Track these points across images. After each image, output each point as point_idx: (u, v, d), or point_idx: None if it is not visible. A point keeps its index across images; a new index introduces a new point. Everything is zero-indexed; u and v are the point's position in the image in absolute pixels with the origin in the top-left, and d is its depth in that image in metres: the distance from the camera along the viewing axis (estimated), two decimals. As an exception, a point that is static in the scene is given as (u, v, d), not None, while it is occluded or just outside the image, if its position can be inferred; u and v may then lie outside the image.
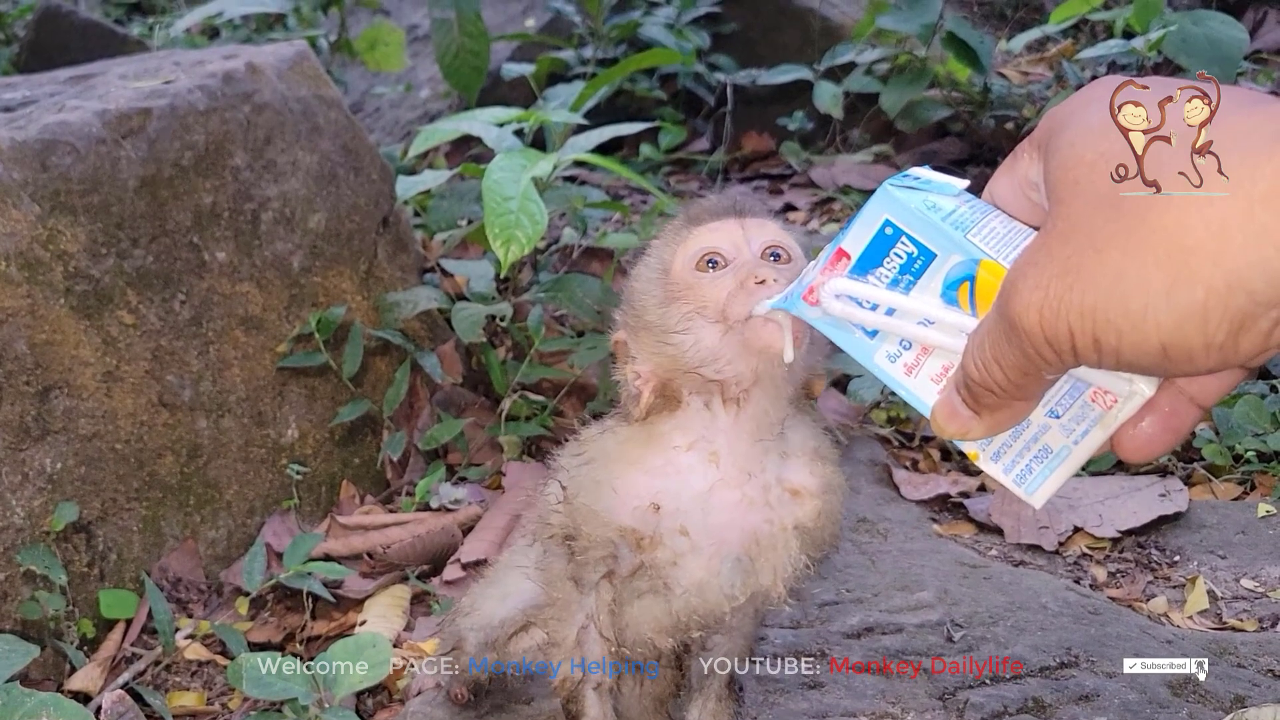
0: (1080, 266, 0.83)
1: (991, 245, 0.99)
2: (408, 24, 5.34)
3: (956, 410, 0.98)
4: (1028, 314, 0.86)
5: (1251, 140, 0.81)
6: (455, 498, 2.47)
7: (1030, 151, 0.97)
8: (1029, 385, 0.93)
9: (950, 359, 1.01)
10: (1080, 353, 0.86)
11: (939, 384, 1.02)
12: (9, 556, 2.04)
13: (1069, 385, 0.99)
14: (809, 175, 4.35)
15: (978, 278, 0.98)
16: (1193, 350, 0.82)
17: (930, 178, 1.06)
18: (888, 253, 1.03)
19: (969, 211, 1.02)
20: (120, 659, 2.12)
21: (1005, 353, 0.90)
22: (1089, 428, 1.00)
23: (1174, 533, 2.26)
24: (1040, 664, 1.78)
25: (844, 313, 1.05)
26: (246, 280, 2.48)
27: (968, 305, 0.99)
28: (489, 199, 2.44)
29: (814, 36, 4.65)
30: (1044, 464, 1.01)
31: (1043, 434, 1.01)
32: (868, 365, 1.05)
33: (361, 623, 2.17)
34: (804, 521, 1.31)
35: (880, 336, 1.04)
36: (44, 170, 2.20)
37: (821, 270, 1.07)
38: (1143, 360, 0.84)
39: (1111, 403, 0.98)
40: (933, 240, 1.00)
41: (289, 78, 2.68)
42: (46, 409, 2.12)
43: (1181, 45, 3.32)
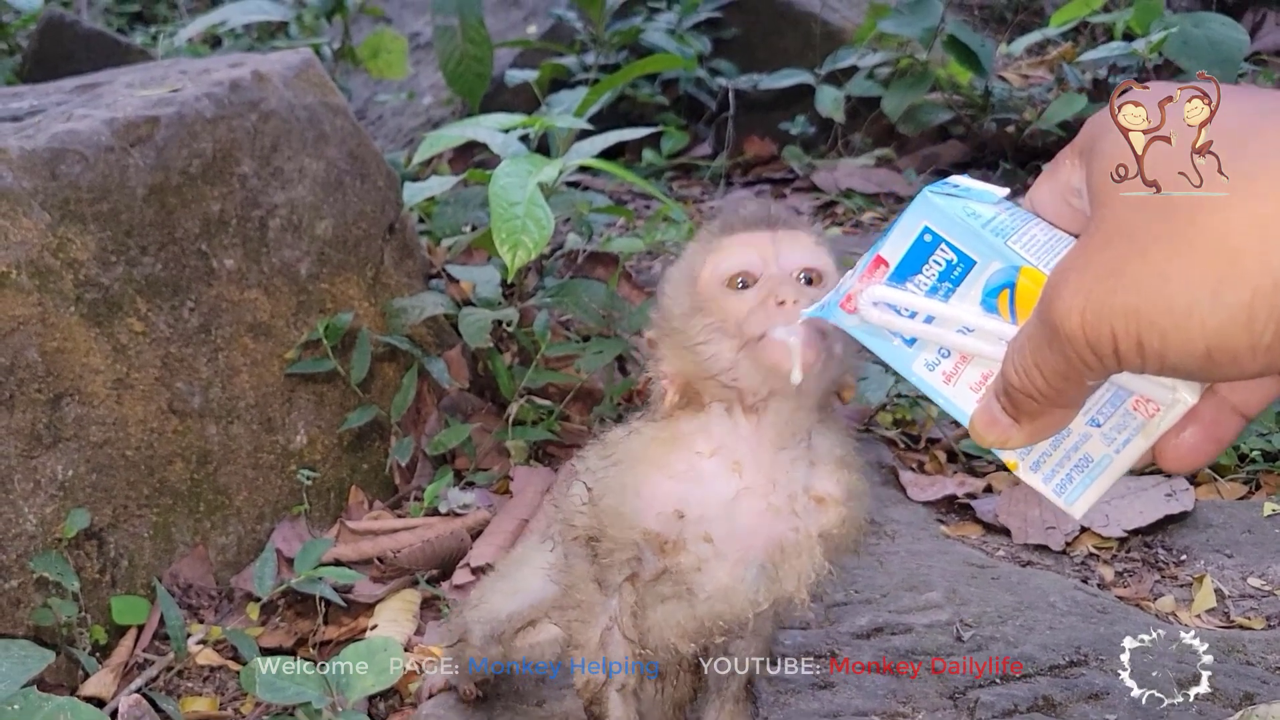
0: (1123, 269, 0.83)
1: (1032, 252, 0.98)
2: (410, 31, 5.36)
3: (996, 418, 0.97)
4: (1070, 317, 0.85)
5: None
6: (464, 502, 2.48)
7: (1072, 158, 0.97)
8: (1070, 392, 0.91)
9: (990, 367, 0.99)
10: (1123, 356, 0.85)
11: (978, 392, 1.01)
12: (22, 563, 2.05)
13: (1110, 393, 0.98)
14: (811, 179, 4.37)
15: (1018, 285, 0.97)
16: (1238, 352, 0.81)
17: (970, 185, 1.05)
18: (927, 260, 1.02)
19: (1009, 219, 1.01)
20: (132, 665, 2.13)
21: (1047, 358, 0.89)
22: (1131, 436, 0.98)
23: (1180, 532, 2.27)
24: (1050, 662, 1.79)
25: (882, 320, 1.04)
26: (255, 287, 2.49)
27: (1008, 313, 0.98)
28: (495, 204, 2.45)
29: (815, 41, 4.66)
30: (1085, 473, 1.00)
31: (1083, 443, 1.00)
32: (906, 374, 1.04)
33: (372, 627, 2.18)
34: (829, 529, 1.31)
35: (919, 345, 1.03)
36: (53, 179, 2.22)
37: (859, 278, 1.06)
38: (1187, 363, 0.83)
39: (1154, 411, 0.97)
40: (973, 247, 1.00)
41: (295, 85, 2.69)
42: (58, 416, 2.14)
43: (1182, 47, 3.34)
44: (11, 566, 2.04)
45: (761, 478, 1.29)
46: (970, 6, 5.13)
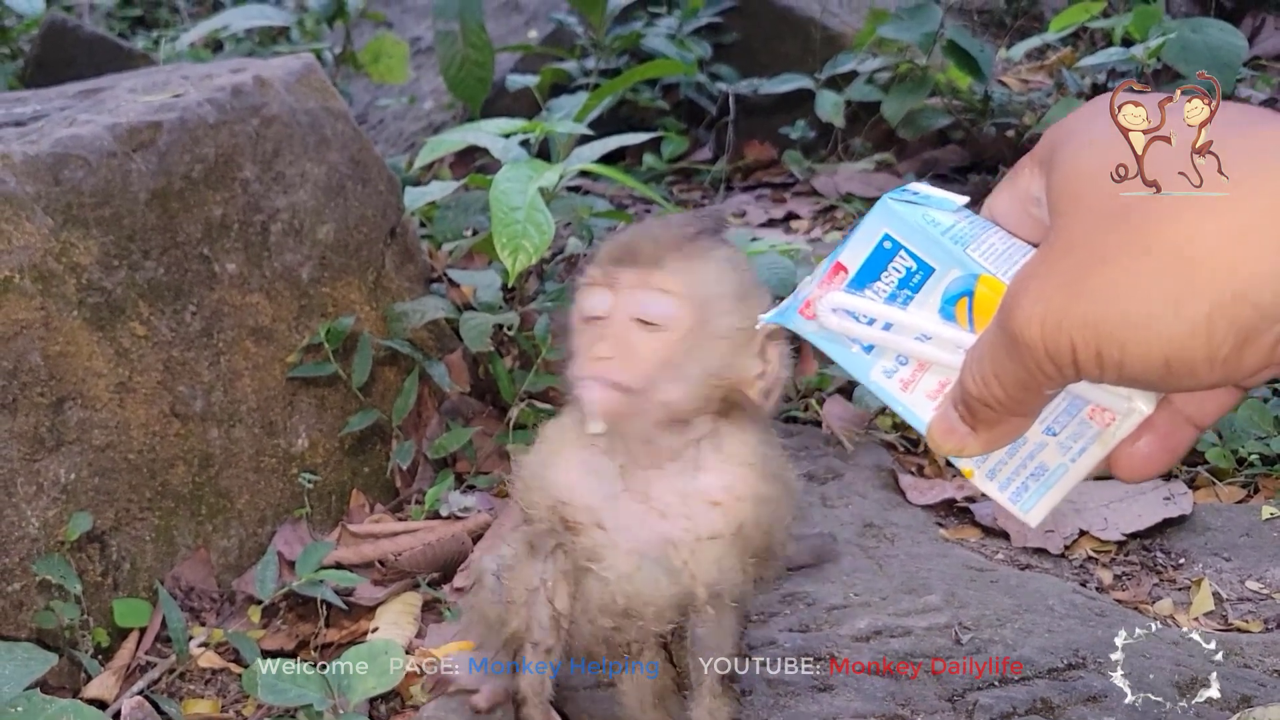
0: (1084, 278, 0.83)
1: (991, 261, 0.98)
2: (410, 36, 5.37)
3: (953, 426, 0.97)
4: (1029, 326, 0.85)
5: (1258, 154, 0.81)
6: (465, 505, 2.49)
7: (1031, 167, 0.97)
8: (1028, 401, 0.92)
9: (947, 375, 1.00)
10: (1082, 366, 0.85)
11: (935, 400, 1.01)
12: (24, 566, 2.06)
13: (1066, 403, 0.99)
14: (811, 184, 4.38)
15: (976, 293, 0.98)
16: (1196, 364, 0.81)
17: (929, 193, 1.06)
18: (886, 267, 1.02)
19: (968, 227, 1.02)
20: (134, 667, 2.14)
21: (1005, 367, 0.89)
22: (1086, 445, 0.99)
23: (1178, 536, 2.28)
24: (1048, 665, 1.79)
25: (840, 327, 1.04)
26: (256, 291, 2.50)
27: (966, 321, 0.98)
28: (496, 209, 2.46)
29: (815, 46, 4.67)
30: (1040, 481, 1.01)
31: (1039, 451, 1.00)
32: (863, 380, 1.05)
33: (373, 630, 2.18)
34: (720, 531, 1.35)
35: (876, 352, 1.03)
36: (56, 183, 2.23)
37: (818, 284, 1.06)
38: (1145, 374, 0.83)
39: (1110, 420, 0.98)
40: (932, 255, 1.00)
41: (297, 90, 2.70)
42: (60, 420, 2.14)
43: (1181, 52, 3.34)
44: (14, 569, 2.05)
45: (638, 484, 1.36)
46: (969, 12, 5.14)
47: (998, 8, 5.24)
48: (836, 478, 2.50)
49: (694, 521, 1.35)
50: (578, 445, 1.39)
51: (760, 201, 4.39)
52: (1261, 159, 0.81)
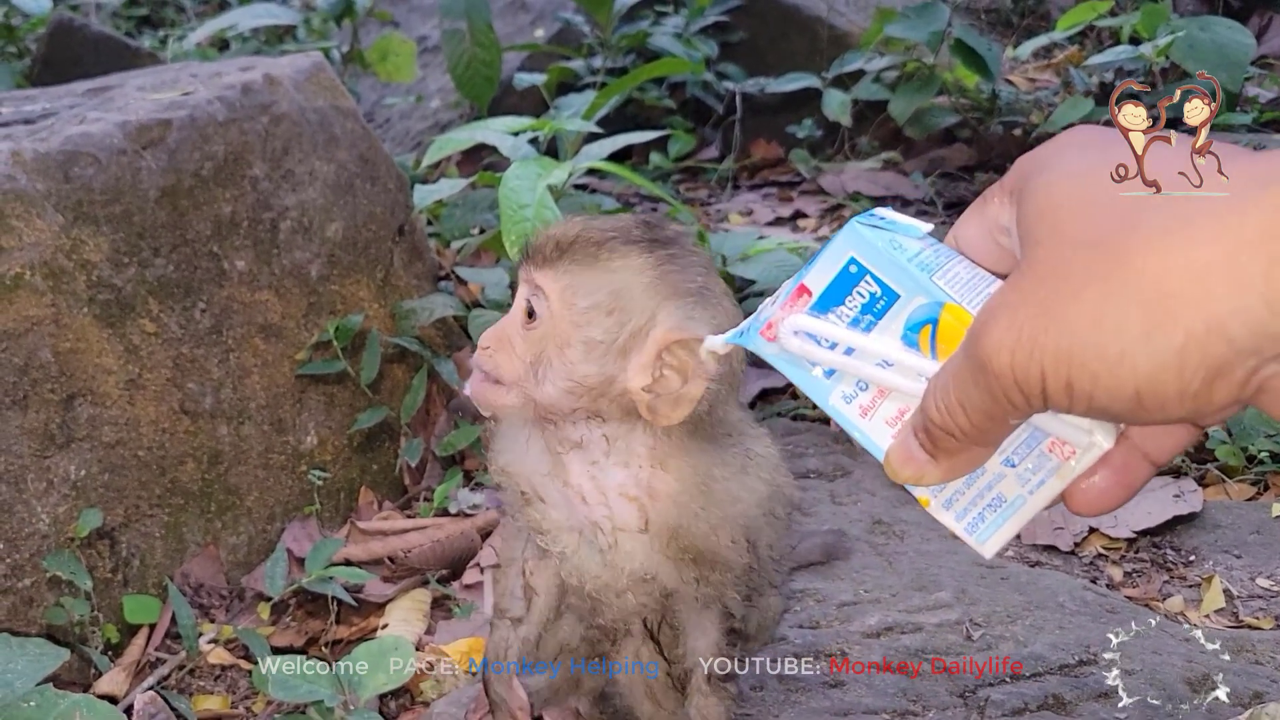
0: (1056, 308, 0.82)
1: (956, 289, 0.97)
2: (417, 35, 5.37)
3: (912, 454, 0.95)
4: (999, 355, 0.84)
5: (1234, 187, 0.80)
6: (473, 503, 2.49)
7: (1001, 196, 0.96)
8: (992, 430, 0.90)
9: (907, 402, 0.98)
10: (1051, 396, 0.84)
11: (893, 428, 0.99)
12: (35, 562, 2.06)
13: (1026, 434, 0.97)
14: (818, 182, 4.38)
15: (940, 321, 0.96)
16: (1167, 397, 0.80)
17: (895, 219, 1.04)
18: (850, 291, 1.00)
19: (933, 255, 1.00)
20: (144, 663, 2.14)
21: (971, 395, 0.88)
22: (1046, 478, 0.97)
23: (1189, 533, 2.28)
24: (1059, 661, 1.79)
25: (801, 350, 1.02)
26: (265, 289, 2.50)
27: (928, 349, 0.97)
28: (505, 206, 2.47)
29: (822, 45, 4.67)
30: (997, 513, 0.99)
31: (997, 482, 0.98)
32: (823, 405, 1.03)
33: (383, 626, 2.19)
34: (630, 525, 1.36)
35: (837, 376, 1.01)
36: (67, 181, 2.23)
37: (781, 306, 1.05)
38: (1115, 406, 0.82)
39: (1070, 454, 0.96)
40: (897, 281, 0.98)
41: (306, 89, 2.71)
42: (71, 416, 2.15)
43: (1188, 51, 3.34)
44: (25, 565, 2.05)
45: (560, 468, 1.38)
46: (976, 11, 5.14)
47: (1004, 7, 5.24)
48: (845, 475, 2.50)
49: (611, 511, 1.36)
50: (521, 425, 1.41)
51: (767, 200, 4.39)
52: (1237, 194, 0.80)
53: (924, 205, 4.03)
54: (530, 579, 1.50)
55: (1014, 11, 5.22)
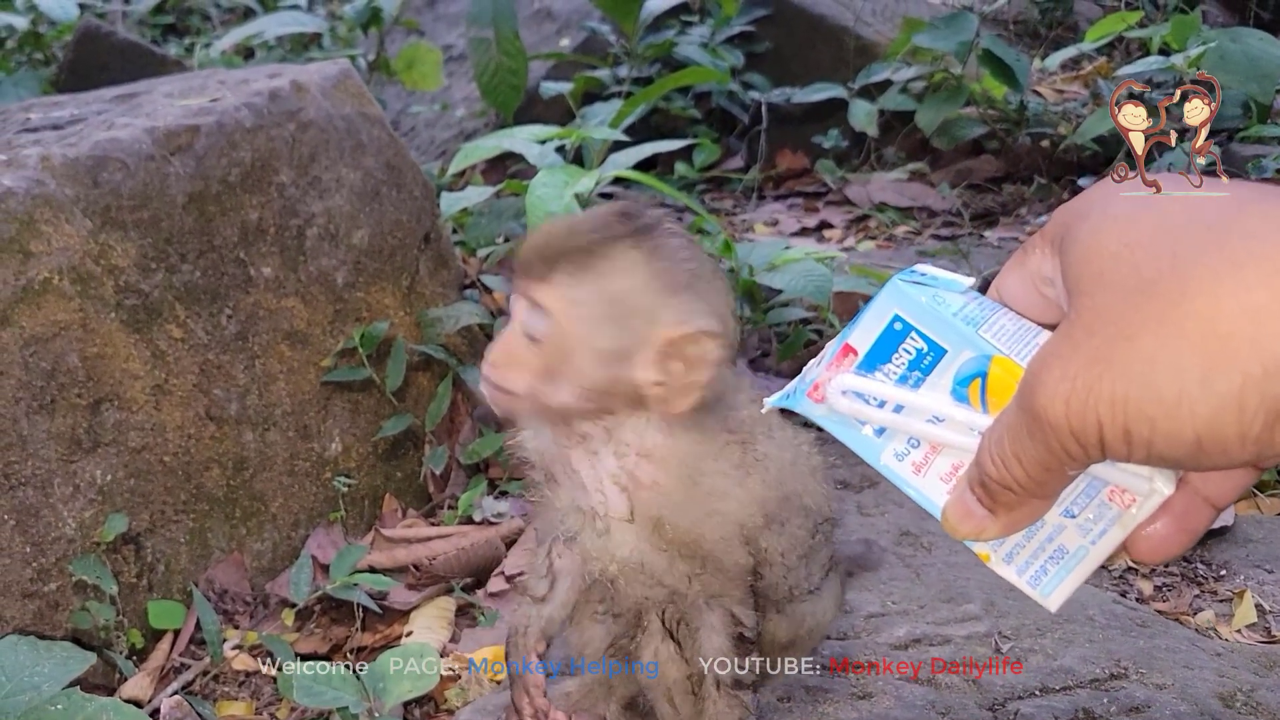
0: (1110, 356, 0.81)
1: (1003, 341, 0.97)
2: (442, 44, 5.38)
3: (971, 510, 0.95)
4: (1054, 405, 0.83)
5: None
6: (498, 511, 2.48)
7: (1042, 246, 0.96)
8: (1050, 482, 0.90)
9: (960, 457, 0.98)
10: (1109, 445, 0.83)
11: (948, 483, 0.99)
12: (61, 567, 2.06)
13: (1085, 484, 0.96)
14: (844, 193, 4.37)
15: (990, 374, 0.96)
16: (1228, 441, 0.79)
17: (936, 274, 1.04)
18: (896, 348, 1.01)
19: (977, 308, 1.00)
20: (169, 669, 2.14)
21: (1027, 448, 0.87)
22: (1107, 527, 0.97)
23: (1220, 547, 2.25)
24: (1090, 675, 1.77)
25: (850, 410, 1.02)
26: (292, 295, 2.50)
27: (979, 402, 0.97)
28: (533, 214, 2.47)
29: (848, 55, 4.67)
30: (1060, 565, 0.98)
31: (1058, 534, 0.98)
32: (874, 464, 1.02)
33: (407, 634, 2.18)
34: (626, 514, 1.39)
35: (888, 434, 1.01)
36: (95, 186, 2.23)
37: (827, 366, 1.05)
38: (1175, 452, 0.81)
39: (1130, 502, 0.95)
40: (943, 336, 0.99)
41: (333, 96, 2.71)
42: (97, 421, 2.15)
43: (1220, 62, 3.32)
44: (51, 569, 2.05)
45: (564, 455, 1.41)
46: (1005, 21, 5.12)
47: (1032, 18, 5.22)
48: (872, 486, 2.48)
49: (606, 498, 1.39)
50: None
51: (793, 210, 4.38)
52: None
53: (950, 216, 4.01)
54: (555, 560, 1.52)
55: (1042, 23, 5.20)
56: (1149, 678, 1.76)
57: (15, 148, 2.31)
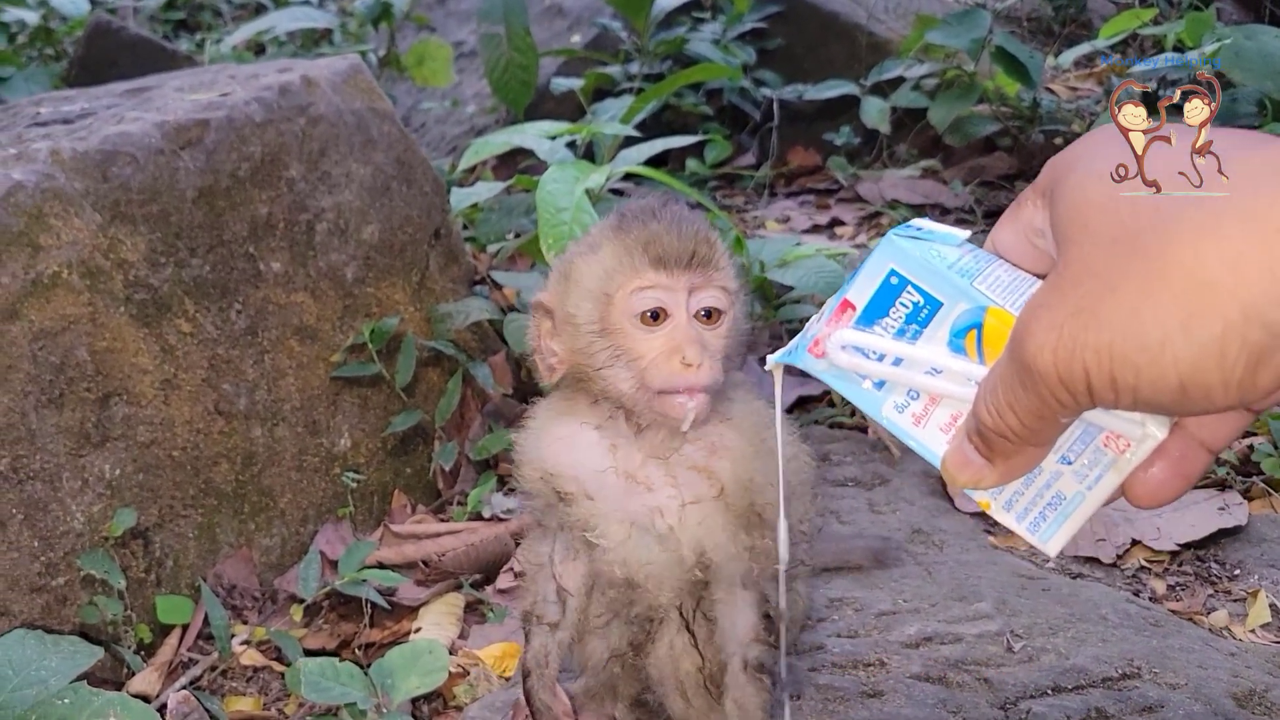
0: (1094, 305, 0.83)
1: (997, 292, 0.98)
2: (453, 40, 5.37)
3: (969, 459, 0.97)
4: (1041, 355, 0.85)
5: (1263, 175, 0.80)
6: (507, 507, 2.47)
7: (1034, 199, 0.97)
8: (1043, 430, 0.91)
9: (958, 408, 0.99)
10: (1096, 393, 0.84)
11: (947, 433, 1.00)
12: (69, 561, 2.06)
13: (1081, 430, 0.97)
14: (856, 190, 4.35)
15: (985, 325, 0.98)
16: (1210, 386, 0.80)
17: (932, 228, 1.05)
18: (894, 302, 1.02)
19: (972, 261, 1.01)
20: (176, 664, 2.14)
21: (1019, 397, 0.89)
22: (1102, 473, 0.98)
23: (1233, 546, 2.24)
24: (1103, 675, 1.76)
25: (850, 364, 1.04)
26: (301, 290, 2.49)
27: (975, 353, 0.98)
28: (543, 210, 2.45)
29: (860, 52, 4.65)
30: (1057, 511, 1.00)
31: (1055, 481, 0.99)
32: (875, 417, 1.04)
33: (416, 630, 2.17)
34: (703, 495, 1.38)
35: (887, 387, 1.03)
36: (105, 180, 2.23)
37: (826, 322, 1.06)
38: (1160, 398, 0.83)
39: (1124, 447, 0.96)
40: (939, 289, 1.00)
41: (343, 91, 2.70)
42: (106, 415, 2.14)
43: (1235, 60, 3.29)
44: (59, 564, 2.05)
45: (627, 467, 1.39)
46: (1018, 18, 5.10)
47: (1045, 15, 5.20)
48: (884, 484, 2.47)
49: (679, 490, 1.38)
50: (563, 419, 1.44)
51: (804, 207, 4.37)
52: (1267, 180, 0.80)
53: (963, 213, 3.99)
54: (561, 581, 1.50)
55: (1055, 20, 5.17)
56: (1162, 677, 1.75)
57: (25, 141, 2.31)
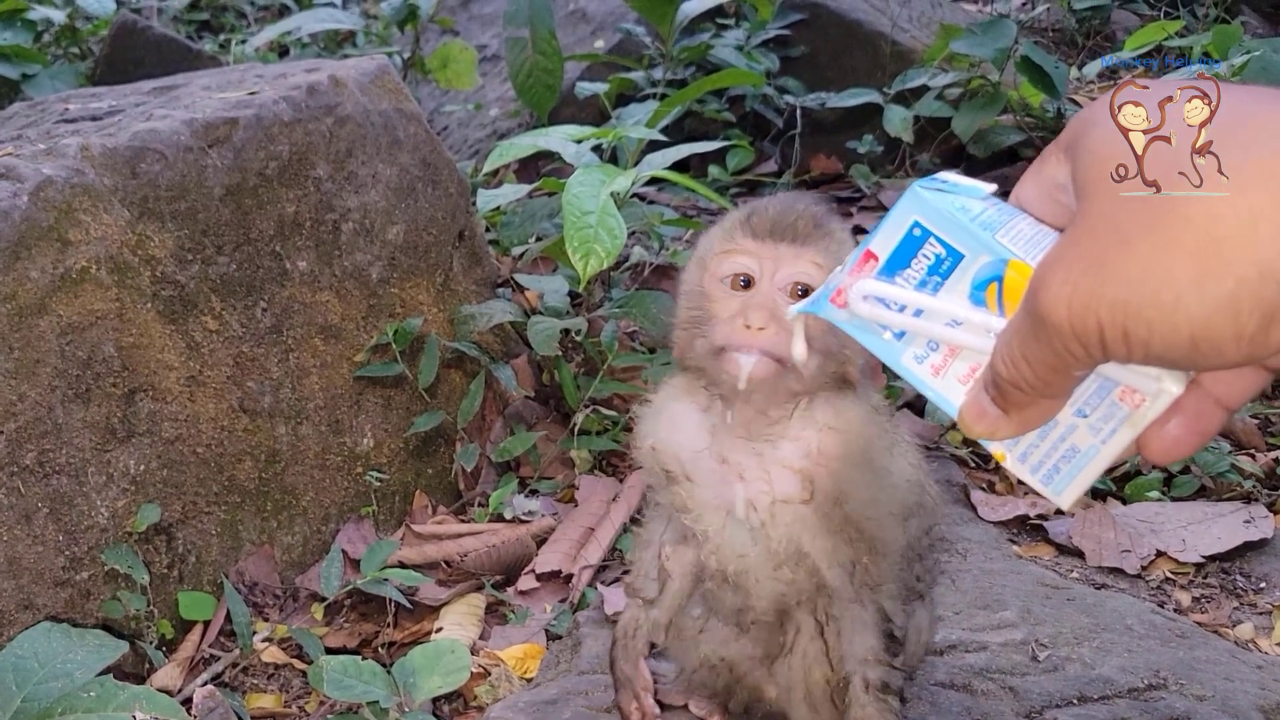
0: (1109, 260, 0.84)
1: (1019, 246, 0.98)
2: (477, 43, 5.37)
3: (985, 409, 0.98)
4: (1056, 308, 0.86)
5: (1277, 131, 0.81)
6: (529, 509, 2.47)
7: (1057, 154, 0.97)
8: (1057, 382, 0.92)
9: (978, 360, 1.00)
10: (1109, 346, 0.85)
11: (966, 385, 1.01)
12: (93, 555, 2.06)
13: (1096, 384, 0.98)
14: (878, 198, 4.34)
15: (1005, 278, 0.98)
16: (1222, 342, 0.81)
17: (958, 181, 1.06)
18: (916, 254, 1.03)
19: (996, 214, 1.02)
20: (198, 660, 2.14)
21: (1034, 349, 0.90)
22: (1117, 427, 0.98)
23: (1259, 559, 2.23)
24: (1128, 685, 1.75)
25: (871, 314, 1.05)
26: (326, 290, 2.50)
27: (995, 305, 0.99)
28: (569, 213, 2.45)
29: (884, 60, 4.64)
30: (1071, 464, 1.00)
31: (1070, 434, 1.00)
32: (895, 367, 1.05)
33: (437, 630, 2.17)
34: (792, 496, 1.37)
35: (908, 338, 1.04)
36: (134, 177, 2.23)
37: (849, 272, 1.07)
38: (1172, 353, 0.84)
39: (1139, 402, 0.97)
40: (961, 241, 1.00)
41: (371, 91, 2.71)
42: (132, 411, 2.15)
43: (1262, 73, 3.28)
44: (83, 558, 2.05)
45: (720, 450, 1.40)
46: (1043, 29, 5.09)
47: (1069, 26, 5.19)
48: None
49: (770, 485, 1.38)
50: (677, 399, 1.45)
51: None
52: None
53: (985, 223, 3.98)
54: (666, 562, 1.51)
55: (1079, 31, 5.16)
56: (1189, 689, 1.74)
57: (54, 137, 2.32)
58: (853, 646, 1.43)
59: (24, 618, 1.98)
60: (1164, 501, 2.42)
